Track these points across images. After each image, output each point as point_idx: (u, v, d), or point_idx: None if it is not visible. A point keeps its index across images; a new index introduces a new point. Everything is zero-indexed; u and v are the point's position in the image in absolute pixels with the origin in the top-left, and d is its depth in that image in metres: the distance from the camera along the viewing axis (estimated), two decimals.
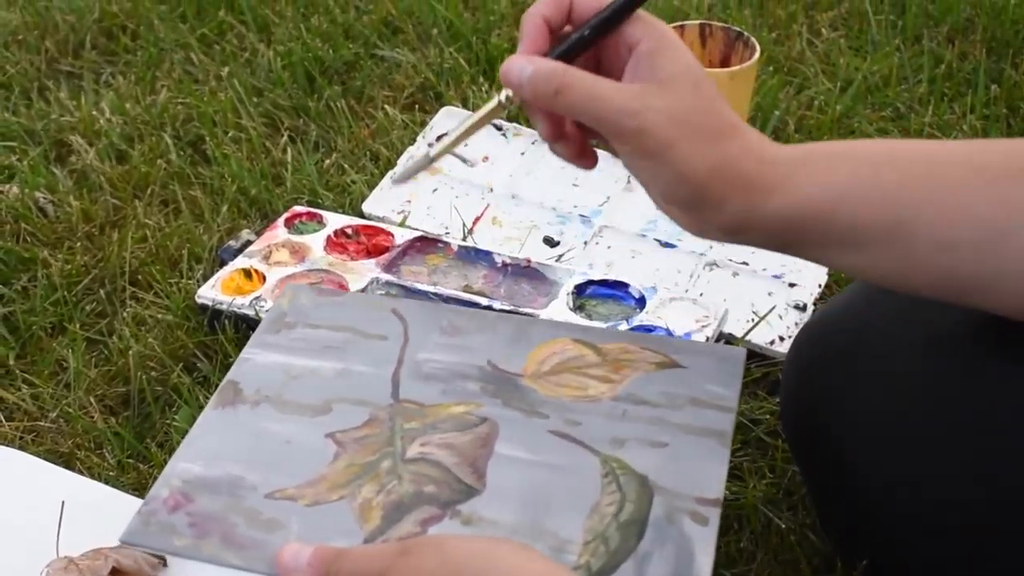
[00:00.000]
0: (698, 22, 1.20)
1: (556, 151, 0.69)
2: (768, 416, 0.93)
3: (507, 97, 0.65)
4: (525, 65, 0.64)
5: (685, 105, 0.63)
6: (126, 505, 0.85)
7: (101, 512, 0.84)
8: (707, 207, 0.63)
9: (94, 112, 1.37)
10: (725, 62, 1.18)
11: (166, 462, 0.90)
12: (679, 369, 0.74)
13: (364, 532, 0.65)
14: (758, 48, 1.16)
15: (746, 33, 1.18)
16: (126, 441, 0.94)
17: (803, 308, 1.06)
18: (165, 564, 0.80)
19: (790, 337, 1.01)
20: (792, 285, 1.08)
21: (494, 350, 0.77)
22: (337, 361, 0.76)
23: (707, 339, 0.95)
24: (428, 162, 0.69)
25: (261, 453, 0.70)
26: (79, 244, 1.16)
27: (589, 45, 0.66)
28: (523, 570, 0.53)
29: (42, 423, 0.97)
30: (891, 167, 0.62)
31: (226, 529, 0.65)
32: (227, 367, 0.99)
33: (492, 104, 0.67)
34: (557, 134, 0.68)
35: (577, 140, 0.68)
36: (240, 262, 1.09)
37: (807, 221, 0.63)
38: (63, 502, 0.83)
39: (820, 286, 1.08)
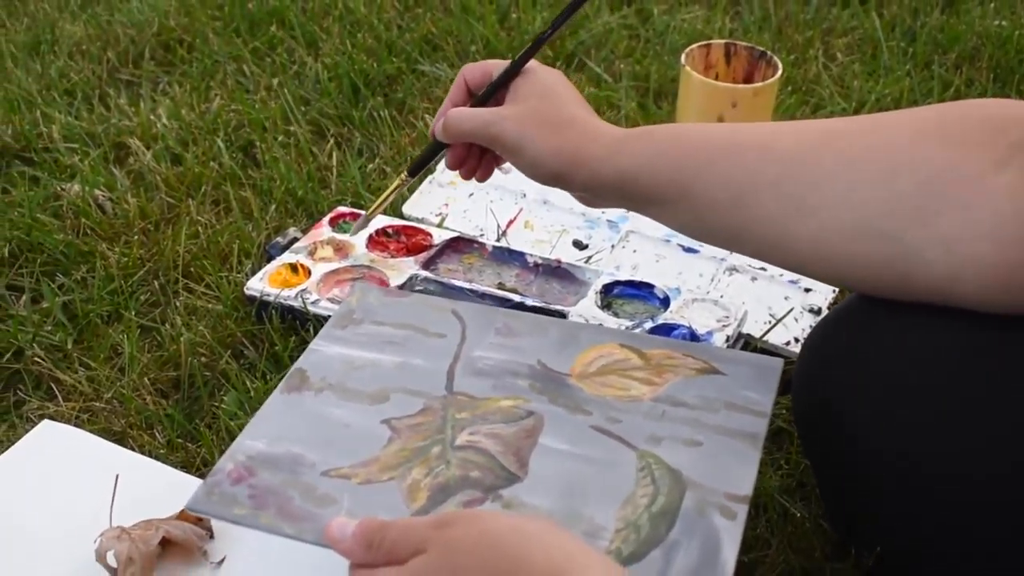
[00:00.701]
0: (723, 41, 1.18)
1: (463, 175, 0.88)
2: (784, 411, 0.91)
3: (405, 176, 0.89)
4: (438, 119, 0.85)
5: (529, 110, 0.78)
6: (176, 480, 0.85)
7: (152, 486, 0.83)
8: (564, 181, 0.78)
9: (151, 117, 1.36)
10: (748, 79, 1.16)
11: (213, 442, 0.89)
12: (718, 375, 0.72)
13: (410, 510, 0.64)
14: (780, 66, 1.14)
15: (769, 52, 1.16)
16: (176, 422, 0.92)
17: (817, 312, 1.04)
18: (212, 536, 0.79)
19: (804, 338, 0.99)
20: (807, 290, 1.06)
21: (544, 351, 0.76)
22: (397, 355, 0.75)
23: (727, 338, 0.93)
24: (401, 186, 0.90)
25: (321, 435, 0.69)
26: (135, 239, 1.15)
27: (492, 95, 0.83)
28: (557, 547, 0.52)
29: (97, 404, 0.95)
30: (676, 145, 0.73)
31: (282, 502, 0.64)
32: (273, 355, 0.98)
33: (397, 182, 0.89)
34: (458, 164, 0.87)
35: (471, 167, 0.87)
36: (287, 257, 1.07)
37: (626, 184, 0.74)
38: (117, 476, 0.82)
39: (834, 291, 1.06)
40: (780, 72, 1.14)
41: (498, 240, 1.12)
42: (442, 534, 0.55)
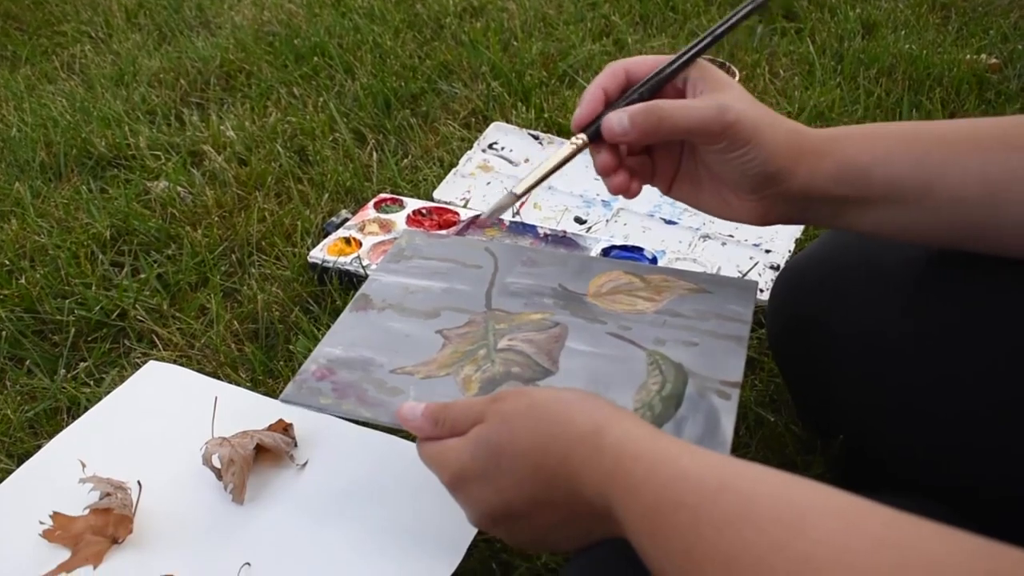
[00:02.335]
0: None
1: (610, 184, 0.66)
2: (755, 342, 0.94)
3: (582, 141, 0.64)
4: (621, 115, 0.62)
5: (749, 99, 0.62)
6: (262, 403, 0.86)
7: (243, 408, 0.84)
8: (782, 179, 0.62)
9: (220, 128, 1.38)
10: None
11: (290, 377, 0.91)
12: (707, 294, 0.74)
13: (465, 398, 0.65)
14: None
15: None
16: (258, 360, 0.94)
17: (777, 268, 1.06)
18: (296, 445, 0.80)
19: (768, 288, 1.01)
20: (768, 251, 1.08)
21: (564, 277, 0.77)
22: (443, 282, 0.77)
23: None
24: (513, 199, 0.66)
25: (386, 343, 0.70)
26: (215, 221, 1.16)
27: (659, 89, 0.65)
28: (595, 408, 0.52)
29: (191, 351, 0.97)
30: (916, 139, 0.61)
31: (360, 393, 0.66)
32: (335, 309, 1.00)
33: (568, 148, 0.65)
34: (614, 168, 0.65)
35: (626, 173, 0.66)
36: (341, 232, 1.09)
37: (852, 179, 0.61)
38: (216, 397, 0.83)
39: (789, 251, 1.08)
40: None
41: (514, 217, 1.14)
42: (497, 407, 0.56)
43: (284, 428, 0.80)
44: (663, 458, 0.47)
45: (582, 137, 0.64)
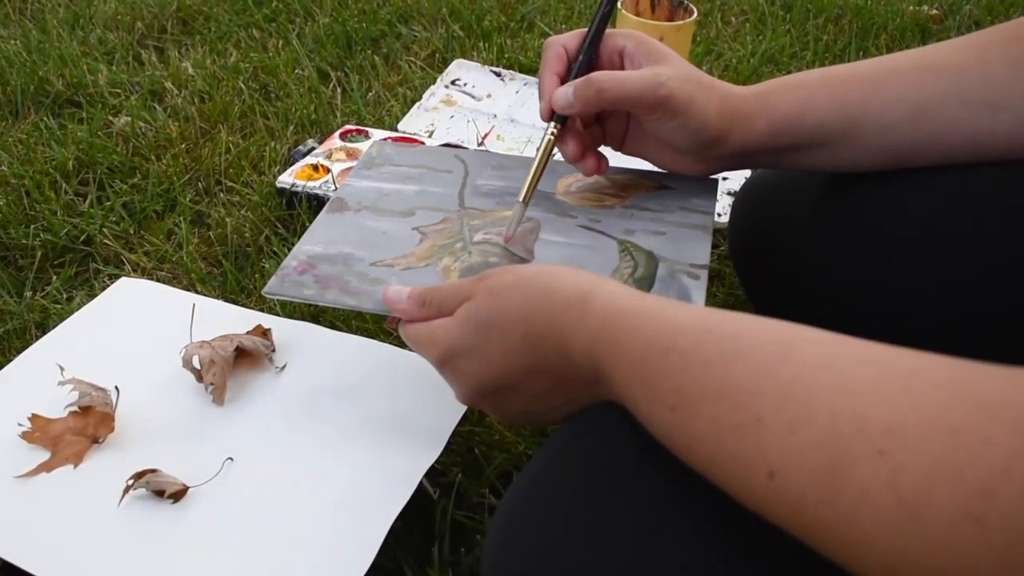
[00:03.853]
0: None
1: (582, 168, 0.70)
2: (715, 258, 0.96)
3: (553, 128, 0.68)
4: (566, 90, 0.66)
5: (684, 69, 0.65)
6: (237, 314, 0.85)
7: (219, 319, 0.84)
8: (718, 144, 0.66)
9: (182, 65, 1.36)
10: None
11: (261, 297, 0.91)
12: (670, 189, 0.75)
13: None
14: (695, 11, 1.18)
15: (686, 1, 1.20)
16: (229, 277, 0.93)
17: (733, 194, 1.08)
18: (274, 349, 0.80)
19: (726, 212, 1.03)
20: (725, 179, 1.10)
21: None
22: (416, 185, 0.77)
23: None
24: (524, 207, 0.69)
25: (365, 239, 0.70)
26: (182, 151, 1.15)
27: (592, 62, 0.68)
28: (579, 277, 0.53)
29: (160, 272, 0.96)
30: (833, 82, 0.64)
31: (342, 284, 0.65)
32: (304, 231, 1.00)
33: (546, 140, 0.68)
34: (581, 154, 0.70)
35: (593, 156, 0.70)
36: (309, 160, 1.09)
37: (785, 132, 0.65)
38: (194, 304, 0.83)
39: (745, 178, 1.10)
40: (695, 16, 1.18)
41: (478, 146, 1.15)
42: (484, 284, 0.56)
43: (263, 333, 0.80)
44: (649, 311, 0.48)
45: (555, 125, 0.68)
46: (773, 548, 0.40)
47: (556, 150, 0.69)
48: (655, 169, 0.76)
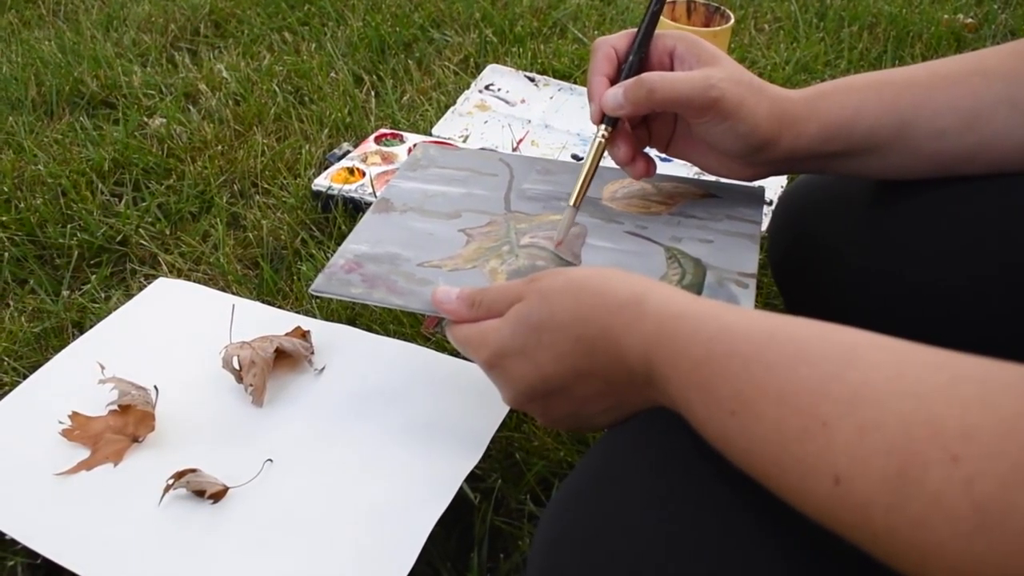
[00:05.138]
0: (685, 0, 1.21)
1: (632, 172, 0.69)
2: None
3: (604, 131, 0.67)
4: (616, 91, 0.65)
5: (735, 71, 0.63)
6: (275, 315, 0.85)
7: (257, 319, 0.84)
8: (767, 148, 0.64)
9: (216, 68, 1.36)
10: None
11: (298, 299, 0.90)
12: (716, 198, 0.75)
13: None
14: (732, 17, 1.18)
15: (723, 7, 1.19)
16: (266, 280, 0.93)
17: (770, 203, 1.07)
18: (314, 351, 0.80)
19: (766, 216, 1.02)
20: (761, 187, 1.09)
21: None
22: (462, 188, 0.76)
23: None
24: (574, 212, 0.68)
25: (412, 240, 0.70)
26: (215, 153, 1.15)
27: (642, 63, 0.67)
28: (633, 279, 0.53)
29: (196, 273, 0.96)
30: (885, 87, 0.63)
31: (389, 283, 0.65)
32: (341, 236, 0.99)
33: (597, 142, 0.67)
34: (632, 158, 0.68)
35: (643, 160, 0.69)
36: (344, 163, 1.09)
37: (836, 138, 0.63)
38: (233, 305, 0.83)
39: (781, 187, 1.10)
40: (732, 21, 1.17)
41: (513, 151, 1.14)
42: (535, 285, 0.55)
43: (302, 335, 0.79)
44: (708, 315, 0.47)
45: (605, 128, 0.67)
46: (836, 553, 0.40)
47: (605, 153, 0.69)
48: (700, 176, 0.75)
